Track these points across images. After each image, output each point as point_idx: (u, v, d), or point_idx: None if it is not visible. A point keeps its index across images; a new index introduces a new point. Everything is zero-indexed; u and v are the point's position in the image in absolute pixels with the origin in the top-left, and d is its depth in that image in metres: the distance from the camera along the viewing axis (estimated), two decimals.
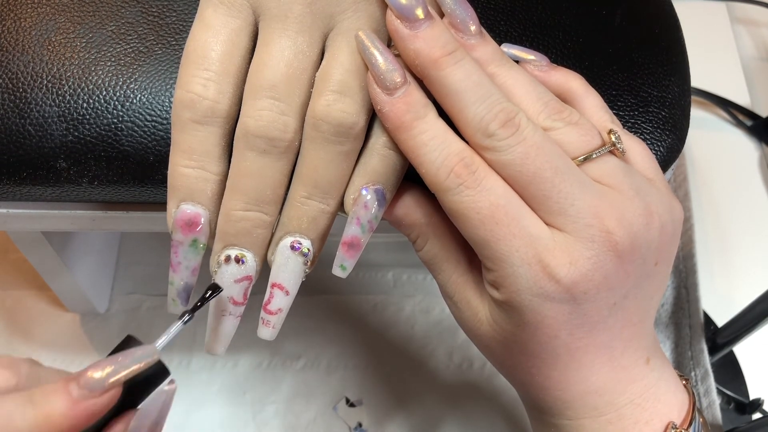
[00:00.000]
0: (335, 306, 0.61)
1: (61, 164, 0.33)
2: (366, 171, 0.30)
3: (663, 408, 0.29)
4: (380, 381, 0.58)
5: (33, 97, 0.33)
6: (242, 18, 0.29)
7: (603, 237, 0.27)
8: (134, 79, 0.33)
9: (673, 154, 0.36)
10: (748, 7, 0.80)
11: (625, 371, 0.29)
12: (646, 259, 0.28)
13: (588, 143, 0.28)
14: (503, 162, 0.27)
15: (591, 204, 0.27)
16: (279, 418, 0.56)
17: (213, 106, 0.28)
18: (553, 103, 0.29)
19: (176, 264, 0.30)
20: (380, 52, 0.28)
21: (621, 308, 0.28)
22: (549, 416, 0.30)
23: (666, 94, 0.36)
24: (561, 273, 0.27)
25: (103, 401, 0.24)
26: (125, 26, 0.34)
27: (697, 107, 0.73)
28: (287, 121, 0.28)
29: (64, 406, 0.23)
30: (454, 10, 0.29)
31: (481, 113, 0.27)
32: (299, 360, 0.58)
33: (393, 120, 0.28)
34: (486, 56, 0.29)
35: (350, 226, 0.30)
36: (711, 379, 0.56)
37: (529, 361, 0.29)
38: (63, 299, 0.58)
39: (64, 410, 0.23)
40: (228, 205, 0.29)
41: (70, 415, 0.23)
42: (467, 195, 0.27)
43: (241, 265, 0.30)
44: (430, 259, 0.31)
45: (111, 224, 0.38)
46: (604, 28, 0.37)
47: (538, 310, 0.27)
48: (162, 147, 0.33)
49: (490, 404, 0.57)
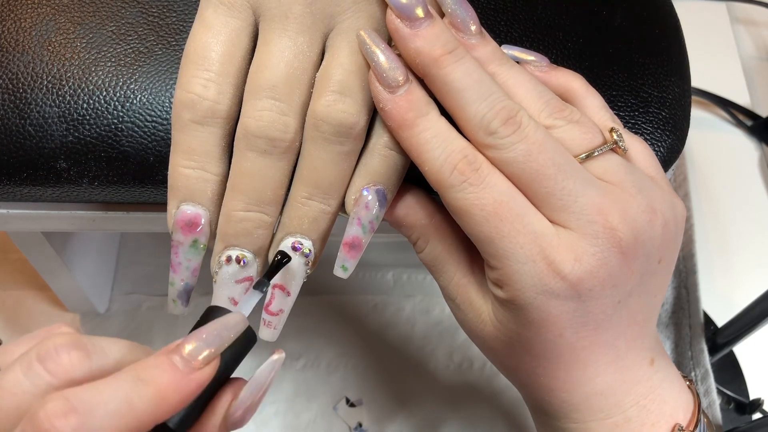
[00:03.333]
0: (335, 306, 0.61)
1: (62, 165, 0.33)
2: (367, 171, 0.30)
3: (669, 409, 0.29)
4: (380, 381, 0.58)
5: (33, 97, 0.33)
6: (242, 18, 0.29)
7: (607, 233, 0.27)
8: (134, 80, 0.33)
9: (673, 155, 0.36)
10: (748, 7, 0.80)
11: (630, 372, 0.29)
12: (649, 256, 0.28)
13: (590, 141, 0.28)
14: (506, 159, 0.27)
15: (594, 201, 0.27)
16: (279, 418, 0.56)
17: (213, 107, 0.28)
18: (555, 102, 0.29)
19: (176, 264, 0.30)
20: (382, 51, 0.28)
21: (625, 306, 0.28)
22: (555, 419, 0.30)
23: (666, 95, 0.36)
24: (566, 269, 0.27)
25: (207, 372, 0.23)
26: (125, 27, 0.34)
27: (697, 107, 0.73)
28: (288, 122, 0.28)
29: (173, 380, 0.22)
30: (454, 10, 0.29)
31: (483, 111, 0.27)
32: (299, 360, 0.58)
33: (395, 118, 0.28)
34: (486, 56, 0.29)
35: (351, 226, 0.30)
36: (711, 379, 0.56)
37: (534, 361, 0.29)
38: (63, 299, 0.58)
39: (175, 384, 0.22)
40: (228, 205, 0.29)
41: (181, 389, 0.22)
42: (471, 192, 0.27)
43: (242, 266, 0.29)
44: (432, 261, 0.31)
45: (111, 224, 0.38)
46: (604, 29, 0.37)
47: (543, 307, 0.27)
48: (162, 147, 0.33)
49: (490, 404, 0.58)
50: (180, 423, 0.23)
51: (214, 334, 0.24)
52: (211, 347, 0.24)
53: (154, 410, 0.22)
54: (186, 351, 0.23)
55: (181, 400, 0.23)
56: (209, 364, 0.23)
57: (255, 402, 0.25)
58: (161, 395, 0.22)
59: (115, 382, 0.21)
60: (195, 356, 0.23)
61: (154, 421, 0.22)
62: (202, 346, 0.24)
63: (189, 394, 0.23)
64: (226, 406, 0.25)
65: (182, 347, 0.23)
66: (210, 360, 0.24)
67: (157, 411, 0.22)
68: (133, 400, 0.21)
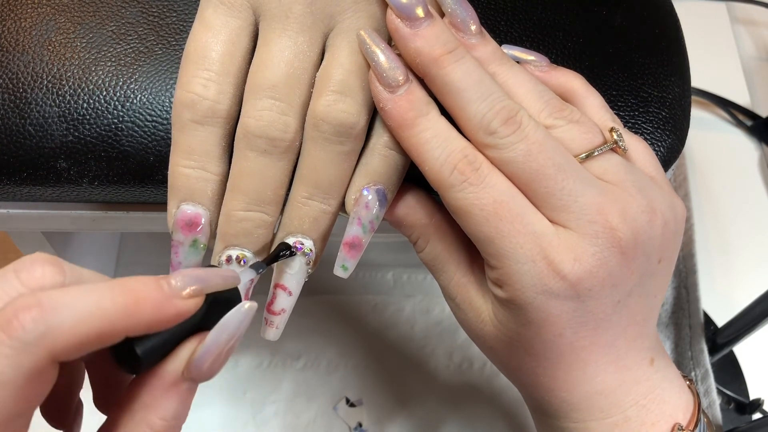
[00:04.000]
0: (335, 306, 0.61)
1: (62, 164, 0.33)
2: (367, 171, 0.30)
3: (668, 409, 0.29)
4: (380, 381, 0.58)
5: (33, 97, 0.33)
6: (242, 18, 0.29)
7: (607, 233, 0.27)
8: (134, 80, 0.33)
9: (673, 155, 0.36)
10: (748, 7, 0.80)
11: (629, 372, 0.29)
12: (649, 256, 0.28)
13: (590, 141, 0.29)
14: (506, 159, 0.27)
15: (594, 200, 0.27)
16: (279, 418, 0.56)
17: (213, 107, 0.28)
18: (555, 102, 0.29)
19: (176, 264, 0.30)
20: (382, 50, 0.28)
21: (625, 306, 0.28)
22: (554, 419, 0.30)
23: (666, 95, 0.36)
24: (566, 269, 0.27)
25: (189, 305, 0.23)
26: (125, 26, 0.34)
27: (697, 107, 0.73)
28: (288, 121, 0.28)
29: (154, 296, 0.22)
30: (454, 9, 0.29)
31: (483, 111, 0.27)
32: (299, 360, 0.58)
33: (395, 118, 0.28)
34: (487, 55, 0.29)
35: (351, 226, 0.30)
36: (711, 379, 0.56)
37: (534, 361, 0.29)
38: None
39: (156, 302, 0.22)
40: (229, 205, 0.29)
41: (161, 308, 0.22)
42: (471, 192, 0.27)
43: (242, 266, 0.29)
44: (432, 261, 0.31)
45: (111, 224, 0.38)
46: (604, 28, 0.37)
47: (543, 307, 0.27)
48: (162, 147, 0.33)
49: (490, 404, 0.58)
50: (146, 349, 0.22)
51: (204, 275, 0.24)
52: (199, 284, 0.23)
53: (125, 318, 0.21)
54: (173, 280, 0.23)
55: (156, 320, 0.22)
56: (192, 299, 0.23)
57: (222, 352, 0.24)
58: (136, 306, 0.21)
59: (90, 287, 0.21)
60: (182, 287, 0.23)
61: (123, 329, 0.21)
62: (190, 280, 0.23)
63: (166, 317, 0.22)
64: (190, 352, 0.24)
65: (170, 277, 0.23)
66: (195, 295, 0.23)
67: (128, 320, 0.21)
68: (104, 304, 0.21)
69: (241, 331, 0.24)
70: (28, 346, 0.20)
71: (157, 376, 0.23)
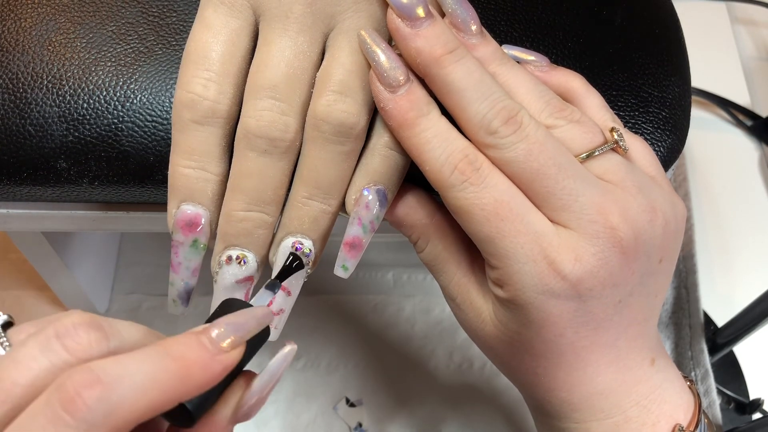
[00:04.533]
0: (335, 306, 0.61)
1: (62, 164, 0.33)
2: (367, 171, 0.30)
3: (669, 410, 0.29)
4: (380, 381, 0.58)
5: (33, 97, 0.33)
6: (243, 18, 0.29)
7: (608, 233, 0.27)
8: (134, 80, 0.33)
9: (673, 154, 0.36)
10: (748, 7, 0.80)
11: (630, 372, 0.29)
12: (650, 255, 0.28)
13: (590, 141, 0.28)
14: (506, 159, 0.27)
15: (595, 200, 0.27)
16: (279, 418, 0.56)
17: (213, 107, 0.28)
18: (555, 102, 0.29)
19: (177, 264, 0.30)
20: (382, 50, 0.28)
21: (626, 306, 0.28)
22: (555, 420, 0.30)
23: (666, 95, 0.36)
24: (566, 269, 0.27)
25: (234, 356, 0.23)
26: (125, 26, 0.34)
27: (697, 107, 0.73)
28: (288, 122, 0.28)
29: (201, 358, 0.22)
30: (455, 9, 0.29)
31: (483, 111, 0.27)
32: (299, 360, 0.58)
33: (396, 117, 0.28)
34: (487, 55, 0.29)
35: (352, 226, 0.30)
36: (711, 379, 0.56)
37: (534, 361, 0.29)
38: (63, 299, 0.58)
39: (202, 363, 0.22)
40: (229, 205, 0.29)
41: (207, 368, 0.22)
42: (471, 192, 0.27)
43: (242, 266, 0.29)
44: (432, 261, 0.31)
45: (111, 224, 0.38)
46: (604, 28, 0.37)
47: (543, 307, 0.27)
48: (162, 147, 0.33)
49: (490, 404, 0.58)
50: (197, 406, 0.23)
51: (241, 322, 0.24)
52: (238, 333, 0.24)
53: (180, 386, 0.21)
54: (214, 333, 0.23)
55: (206, 381, 0.22)
56: (236, 349, 0.23)
57: (265, 394, 0.25)
58: (187, 372, 0.22)
59: (141, 356, 0.21)
60: (222, 339, 0.23)
61: (178, 397, 0.22)
62: (229, 331, 0.23)
63: (214, 376, 0.22)
64: (238, 397, 0.24)
65: (210, 330, 0.23)
66: (236, 345, 0.23)
67: (182, 388, 0.21)
68: (158, 375, 0.21)
69: (282, 372, 0.25)
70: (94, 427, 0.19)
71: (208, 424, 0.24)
